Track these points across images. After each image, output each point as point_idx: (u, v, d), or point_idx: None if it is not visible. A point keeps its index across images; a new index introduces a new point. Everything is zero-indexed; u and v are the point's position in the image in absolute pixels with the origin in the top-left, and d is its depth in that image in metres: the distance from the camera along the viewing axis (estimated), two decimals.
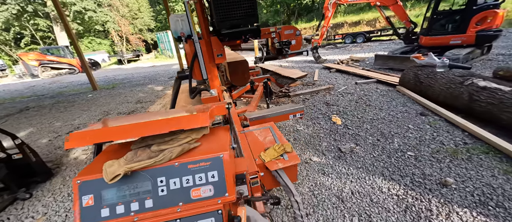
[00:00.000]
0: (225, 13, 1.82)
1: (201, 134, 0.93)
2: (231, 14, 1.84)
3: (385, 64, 6.40)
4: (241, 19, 1.86)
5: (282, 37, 2.96)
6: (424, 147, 2.52)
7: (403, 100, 3.85)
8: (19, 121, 5.23)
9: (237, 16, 1.85)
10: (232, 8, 1.80)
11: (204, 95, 2.24)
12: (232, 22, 1.87)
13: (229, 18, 1.84)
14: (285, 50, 2.94)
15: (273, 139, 1.82)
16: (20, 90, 10.16)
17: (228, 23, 1.87)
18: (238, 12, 1.83)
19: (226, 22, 1.86)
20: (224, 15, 1.83)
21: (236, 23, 1.88)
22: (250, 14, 1.87)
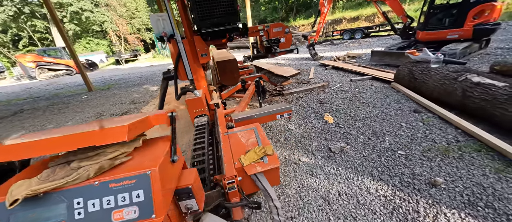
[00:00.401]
0: (205, 11, 1.76)
1: (133, 147, 0.85)
2: (210, 13, 1.77)
3: (381, 60, 6.32)
4: (221, 17, 1.80)
5: (271, 35, 2.89)
6: (415, 145, 2.47)
7: (397, 97, 3.78)
8: (12, 124, 5.21)
9: (217, 14, 1.79)
10: (212, 7, 1.74)
11: (188, 97, 2.19)
12: (212, 21, 1.80)
13: (209, 16, 1.78)
14: (274, 48, 2.88)
15: (256, 140, 1.77)
16: (16, 93, 10.14)
17: (208, 22, 1.81)
18: (217, 10, 1.77)
19: (206, 21, 1.80)
20: (204, 14, 1.77)
21: (217, 21, 1.82)
22: (230, 12, 1.81)
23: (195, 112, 2.23)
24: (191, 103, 2.17)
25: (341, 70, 6.21)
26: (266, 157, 1.54)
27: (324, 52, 10.04)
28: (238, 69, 3.20)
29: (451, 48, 5.25)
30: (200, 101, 2.19)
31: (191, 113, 2.23)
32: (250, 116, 2.26)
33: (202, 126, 2.06)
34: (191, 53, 2.27)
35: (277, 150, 2.70)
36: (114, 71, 14.49)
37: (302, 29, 19.41)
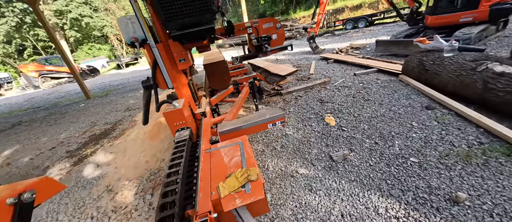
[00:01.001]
0: (171, 11, 1.48)
1: None
2: (178, 12, 1.50)
3: (387, 50, 5.88)
4: (192, 17, 1.53)
5: (261, 32, 2.59)
6: (430, 150, 2.14)
7: (407, 92, 3.42)
8: (8, 138, 5.15)
9: (186, 14, 1.51)
10: (179, 5, 1.47)
11: (166, 109, 1.94)
12: (181, 21, 1.53)
13: (177, 16, 1.51)
14: (265, 46, 2.58)
15: (240, 160, 1.51)
16: (19, 103, 10.23)
17: (177, 23, 1.54)
18: (186, 9, 1.49)
19: (174, 22, 1.53)
20: (170, 14, 1.49)
21: (187, 22, 1.55)
22: (203, 11, 1.53)
23: (176, 125, 1.99)
24: (169, 116, 1.92)
25: (343, 64, 5.82)
26: (250, 183, 1.29)
27: (325, 44, 9.58)
28: (228, 71, 2.92)
29: (464, 32, 4.78)
30: (179, 113, 1.94)
31: (171, 127, 1.99)
32: (238, 127, 1.99)
33: (182, 142, 1.81)
34: (168, 59, 2.01)
35: (272, 160, 2.44)
36: (114, 76, 14.48)
37: (303, 21, 18.76)
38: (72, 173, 2.96)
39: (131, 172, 2.69)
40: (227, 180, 1.33)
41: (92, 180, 2.70)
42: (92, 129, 4.63)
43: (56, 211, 2.29)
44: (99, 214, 2.13)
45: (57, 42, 6.80)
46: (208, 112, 2.61)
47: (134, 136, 3.69)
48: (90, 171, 2.91)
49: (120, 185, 2.49)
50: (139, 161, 2.86)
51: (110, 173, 2.77)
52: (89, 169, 2.97)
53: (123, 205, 2.18)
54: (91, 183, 2.65)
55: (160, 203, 1.24)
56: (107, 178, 2.69)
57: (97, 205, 2.26)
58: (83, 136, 4.29)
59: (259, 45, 2.56)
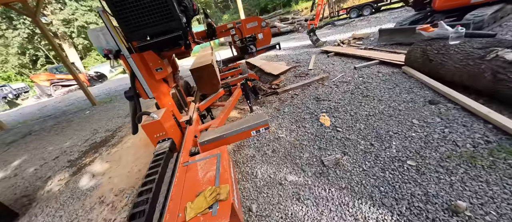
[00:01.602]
0: (133, 22, 1.40)
1: None
2: (141, 23, 1.42)
3: (391, 39, 5.54)
4: (156, 26, 1.44)
5: (245, 33, 2.46)
6: (430, 151, 1.96)
7: (409, 85, 3.19)
8: (19, 148, 5.39)
9: (149, 24, 1.42)
10: (140, 16, 1.38)
11: (145, 121, 1.89)
12: (145, 32, 1.45)
13: (140, 27, 1.43)
14: (250, 47, 2.45)
15: (214, 175, 1.43)
16: (33, 113, 10.73)
17: (140, 34, 1.46)
18: (149, 19, 1.40)
19: (137, 33, 1.45)
20: (132, 25, 1.41)
21: (151, 32, 1.46)
22: (167, 19, 1.43)
23: (156, 137, 1.93)
24: (147, 128, 1.87)
25: (345, 57, 5.56)
26: (218, 203, 1.20)
27: (327, 36, 9.22)
28: (216, 75, 2.83)
29: (476, 15, 4.36)
30: (158, 125, 1.87)
31: (151, 139, 1.94)
32: (219, 137, 1.91)
33: (160, 155, 1.76)
34: (145, 69, 1.95)
35: (262, 166, 2.35)
36: (120, 81, 14.81)
37: (306, 13, 18.20)
38: (69, 184, 3.03)
39: (124, 181, 2.70)
40: (196, 200, 1.26)
41: (86, 191, 2.74)
42: (93, 136, 4.73)
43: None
44: None
45: (58, 51, 7.01)
46: (195, 118, 2.55)
47: (130, 143, 3.72)
48: (85, 182, 2.96)
49: (112, 196, 2.51)
50: (132, 170, 2.87)
51: (104, 183, 2.80)
52: (85, 179, 3.02)
53: (112, 217, 2.19)
54: (86, 194, 2.69)
55: None
56: (101, 188, 2.72)
57: (88, 217, 2.28)
58: (84, 144, 4.39)
59: (244, 46, 2.44)
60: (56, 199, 2.76)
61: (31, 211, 2.66)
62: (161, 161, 1.69)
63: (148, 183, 1.48)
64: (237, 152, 2.70)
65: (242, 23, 2.44)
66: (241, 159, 2.56)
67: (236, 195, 1.40)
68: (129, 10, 1.35)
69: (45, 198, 2.87)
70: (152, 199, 1.33)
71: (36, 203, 2.81)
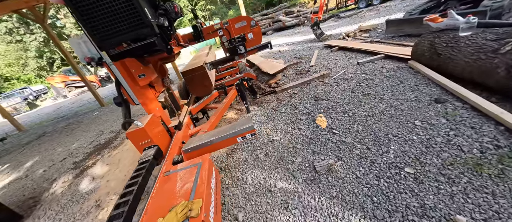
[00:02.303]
0: (103, 31, 1.35)
1: None
2: (111, 32, 1.37)
3: (399, 30, 5.19)
4: (125, 34, 1.38)
5: (233, 33, 2.36)
6: (431, 157, 1.80)
7: (415, 82, 2.96)
8: (32, 149, 5.69)
9: (118, 31, 1.37)
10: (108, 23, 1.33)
11: (129, 129, 1.87)
12: (115, 39, 1.40)
13: (110, 35, 1.38)
14: (239, 48, 2.35)
15: (190, 188, 1.38)
16: (49, 114, 11.30)
17: (111, 42, 1.41)
18: (117, 26, 1.35)
19: (108, 41, 1.40)
20: (103, 34, 1.36)
21: (123, 40, 1.41)
22: (137, 26, 1.37)
23: (141, 145, 1.92)
24: (132, 136, 1.85)
25: (348, 51, 5.30)
26: (188, 220, 1.15)
27: (333, 29, 8.86)
28: (208, 77, 2.76)
29: (495, 0, 3.97)
30: (142, 132, 1.86)
31: (137, 147, 1.93)
32: (204, 144, 1.86)
33: (143, 164, 1.74)
34: (128, 76, 1.92)
35: (253, 171, 2.28)
36: None
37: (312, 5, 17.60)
38: (71, 186, 3.13)
39: (120, 185, 2.75)
40: (167, 216, 1.21)
41: (85, 194, 2.82)
42: (98, 138, 4.87)
43: None
44: None
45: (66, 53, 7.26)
46: (185, 123, 2.51)
47: (130, 145, 3.78)
48: (86, 185, 3.05)
49: (108, 200, 2.55)
50: (128, 174, 2.91)
51: (102, 186, 2.86)
52: (86, 182, 3.12)
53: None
54: (84, 197, 2.77)
55: None
56: (98, 191, 2.79)
57: (84, 221, 2.34)
58: (89, 146, 4.54)
59: (233, 47, 2.35)
60: (57, 201, 2.87)
61: (35, 213, 2.79)
62: (143, 170, 1.67)
63: (126, 195, 1.46)
64: (230, 156, 2.65)
65: (229, 23, 2.34)
66: (233, 163, 2.50)
67: (213, 209, 1.35)
68: (96, 19, 1.30)
69: (49, 200, 3.00)
70: (127, 212, 1.31)
71: (40, 205, 2.94)
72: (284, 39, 10.52)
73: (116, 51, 1.47)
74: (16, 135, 8.39)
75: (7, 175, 4.53)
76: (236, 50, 2.36)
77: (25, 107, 16.78)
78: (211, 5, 27.41)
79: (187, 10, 21.26)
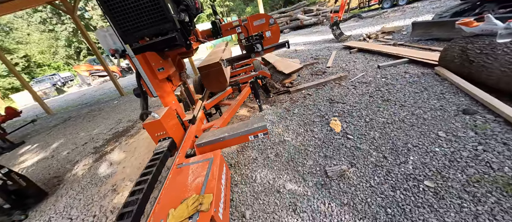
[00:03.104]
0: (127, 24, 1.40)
1: None
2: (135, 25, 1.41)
3: (427, 33, 4.88)
4: (148, 28, 1.42)
5: (251, 31, 2.35)
6: (455, 171, 1.68)
7: (441, 90, 2.77)
8: (58, 132, 6.13)
9: (142, 26, 1.41)
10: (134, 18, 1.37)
11: (146, 120, 1.94)
12: (138, 34, 1.45)
13: (133, 29, 1.43)
14: (256, 46, 2.34)
15: (201, 182, 1.40)
16: (74, 100, 12.10)
17: (135, 36, 1.46)
18: (142, 21, 1.39)
19: (132, 35, 1.45)
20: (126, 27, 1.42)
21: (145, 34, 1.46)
22: (160, 21, 1.41)
23: (157, 136, 1.98)
24: (149, 127, 1.92)
25: (369, 53, 5.08)
26: (199, 213, 1.18)
27: (353, 29, 8.53)
28: (224, 74, 2.79)
29: None
30: (158, 124, 1.91)
31: (152, 137, 2.00)
32: (216, 140, 1.88)
33: (158, 155, 1.79)
34: (148, 68, 1.98)
35: (262, 170, 2.28)
36: None
37: (332, 4, 17.07)
38: (91, 170, 3.34)
39: (135, 172, 2.88)
40: (178, 207, 1.25)
41: (103, 178, 2.99)
42: (117, 126, 5.13)
43: (71, 205, 2.61)
44: (100, 213, 2.33)
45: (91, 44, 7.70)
46: (199, 117, 2.56)
47: (146, 135, 3.94)
48: (104, 169, 3.23)
49: (123, 185, 2.69)
50: (143, 162, 3.03)
51: (118, 172, 3.02)
52: (104, 166, 3.30)
53: (120, 206, 2.34)
54: (102, 181, 2.93)
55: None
56: (115, 177, 2.94)
57: (101, 203, 2.49)
58: (109, 133, 4.80)
59: (250, 45, 2.34)
60: (78, 182, 3.07)
61: (58, 191, 3.01)
62: (157, 160, 1.73)
63: (141, 183, 1.52)
64: (240, 153, 2.66)
65: (248, 21, 2.33)
66: (243, 161, 2.52)
67: (222, 205, 1.36)
68: (122, 13, 1.35)
69: (71, 180, 3.22)
70: (141, 200, 1.36)
71: (63, 184, 3.17)
72: (301, 38, 10.32)
73: (139, 45, 1.52)
74: (45, 117, 9.09)
75: (36, 153, 4.92)
76: (253, 48, 2.34)
77: (53, 93, 18.12)
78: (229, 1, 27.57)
79: (206, 6, 21.57)
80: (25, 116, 10.05)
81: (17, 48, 25.15)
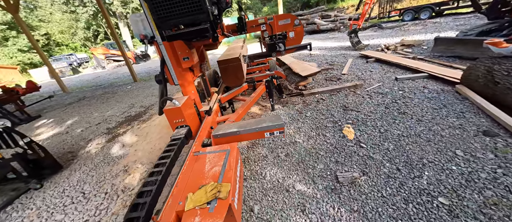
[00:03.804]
0: (163, 12, 1.45)
1: None
2: (171, 13, 1.46)
3: (449, 50, 4.76)
4: (184, 17, 1.47)
5: (276, 30, 2.37)
6: (472, 192, 1.65)
7: (460, 108, 2.71)
8: (73, 110, 6.34)
9: (178, 14, 1.46)
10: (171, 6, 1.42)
11: (167, 106, 2.00)
12: (174, 21, 1.49)
13: (169, 17, 1.47)
14: (279, 45, 2.35)
15: (219, 171, 1.44)
16: (88, 81, 12.47)
17: (169, 24, 1.51)
18: (178, 10, 1.43)
19: (167, 23, 1.50)
20: (162, 15, 1.46)
21: (180, 23, 1.50)
22: (196, 12, 1.45)
23: (175, 122, 2.04)
24: (169, 113, 1.98)
25: (386, 64, 5.01)
26: (217, 200, 1.21)
27: (371, 39, 8.41)
28: (242, 69, 2.82)
29: None
30: (178, 111, 1.97)
31: (171, 123, 2.05)
32: (233, 132, 1.92)
33: (176, 141, 1.85)
34: (173, 56, 2.04)
35: (272, 168, 2.30)
36: None
37: (351, 11, 16.85)
38: (104, 149, 3.45)
39: (146, 156, 2.96)
40: (197, 192, 1.29)
41: (115, 158, 3.09)
42: (129, 110, 5.27)
43: (84, 181, 2.71)
44: (112, 191, 2.41)
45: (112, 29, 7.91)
46: (214, 109, 2.61)
47: (157, 121, 4.03)
48: (116, 150, 3.33)
49: (134, 167, 2.77)
50: (154, 147, 3.11)
51: (130, 154, 3.10)
52: (116, 147, 3.40)
53: (131, 186, 2.42)
54: (114, 160, 3.03)
55: (133, 202, 1.28)
56: (127, 158, 3.03)
57: (112, 182, 2.57)
58: (121, 116, 4.93)
59: (273, 43, 2.35)
60: (91, 160, 3.19)
61: (72, 166, 3.12)
62: (175, 146, 1.78)
63: (159, 165, 1.57)
64: (250, 149, 2.69)
65: (274, 19, 2.35)
66: (253, 157, 2.54)
67: (237, 195, 1.39)
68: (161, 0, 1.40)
69: (84, 157, 3.34)
70: (160, 181, 1.41)
71: (77, 160, 3.29)
72: (316, 43, 10.25)
73: (171, 33, 1.57)
74: (60, 94, 9.42)
75: (51, 128, 5.12)
76: (276, 46, 2.36)
77: (69, 72, 18.73)
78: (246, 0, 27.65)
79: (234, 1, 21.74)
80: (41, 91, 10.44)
81: (39, 25, 26.12)
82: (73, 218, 2.14)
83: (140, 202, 1.29)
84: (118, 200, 2.27)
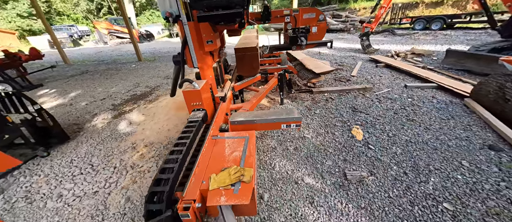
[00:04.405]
0: None
1: None
2: None
3: (459, 63, 4.79)
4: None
5: (299, 23, 2.34)
6: (475, 200, 1.72)
7: (468, 121, 2.77)
8: (76, 83, 6.25)
9: None
10: None
11: (185, 88, 1.99)
12: (209, 2, 1.47)
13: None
14: (301, 39, 2.33)
15: (239, 156, 1.47)
16: (90, 55, 12.22)
17: (204, 4, 1.48)
18: None
19: (201, 2, 1.48)
20: None
21: (215, 4, 1.48)
22: None
23: (193, 105, 2.04)
24: (187, 95, 1.97)
25: (396, 71, 5.03)
26: (241, 183, 1.24)
27: (381, 44, 8.38)
28: (258, 59, 2.81)
29: None
30: (197, 94, 1.97)
31: (188, 105, 2.05)
32: (250, 121, 1.94)
33: (193, 123, 1.86)
34: (196, 38, 2.01)
35: (281, 160, 2.34)
36: (165, 44, 15.80)
37: (363, 13, 16.64)
38: (110, 125, 3.44)
39: (154, 136, 2.97)
40: (220, 173, 1.31)
41: (123, 134, 3.09)
42: (135, 89, 5.22)
43: (92, 153, 2.72)
44: (120, 166, 2.44)
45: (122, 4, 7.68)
46: (228, 97, 2.61)
47: (165, 103, 4.02)
48: (123, 126, 3.33)
49: (142, 145, 2.78)
50: (162, 128, 3.12)
51: (138, 132, 3.11)
52: (123, 124, 3.40)
53: (140, 164, 2.45)
54: (122, 137, 3.04)
55: (155, 177, 1.31)
56: (134, 136, 3.04)
57: (121, 157, 2.59)
58: (126, 94, 4.89)
59: (295, 36, 2.34)
60: (98, 134, 3.19)
61: (79, 138, 3.12)
62: (193, 128, 1.79)
63: (179, 145, 1.59)
64: (259, 140, 2.72)
65: (299, 12, 2.32)
66: (262, 147, 2.58)
67: (256, 181, 1.43)
68: None
69: (90, 130, 3.33)
70: (181, 159, 1.43)
71: (83, 132, 3.28)
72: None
73: (203, 13, 1.55)
74: (62, 65, 9.24)
75: (54, 98, 5.06)
76: (297, 40, 2.34)
77: (69, 44, 18.26)
78: None
79: None
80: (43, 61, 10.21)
81: None
82: (82, 188, 2.17)
83: (163, 177, 1.31)
84: (127, 175, 2.29)
